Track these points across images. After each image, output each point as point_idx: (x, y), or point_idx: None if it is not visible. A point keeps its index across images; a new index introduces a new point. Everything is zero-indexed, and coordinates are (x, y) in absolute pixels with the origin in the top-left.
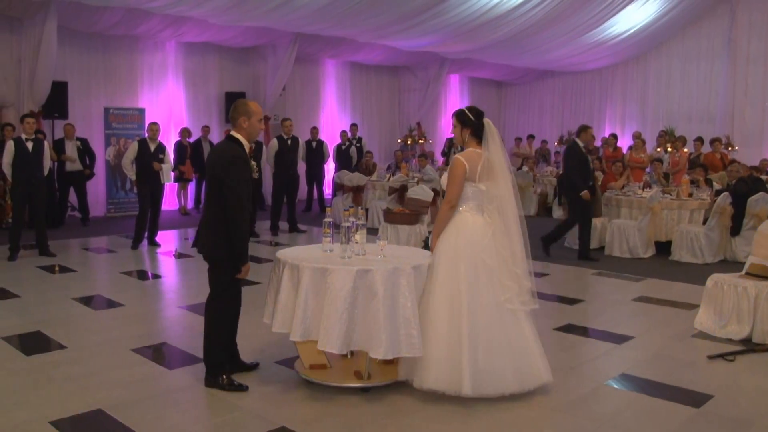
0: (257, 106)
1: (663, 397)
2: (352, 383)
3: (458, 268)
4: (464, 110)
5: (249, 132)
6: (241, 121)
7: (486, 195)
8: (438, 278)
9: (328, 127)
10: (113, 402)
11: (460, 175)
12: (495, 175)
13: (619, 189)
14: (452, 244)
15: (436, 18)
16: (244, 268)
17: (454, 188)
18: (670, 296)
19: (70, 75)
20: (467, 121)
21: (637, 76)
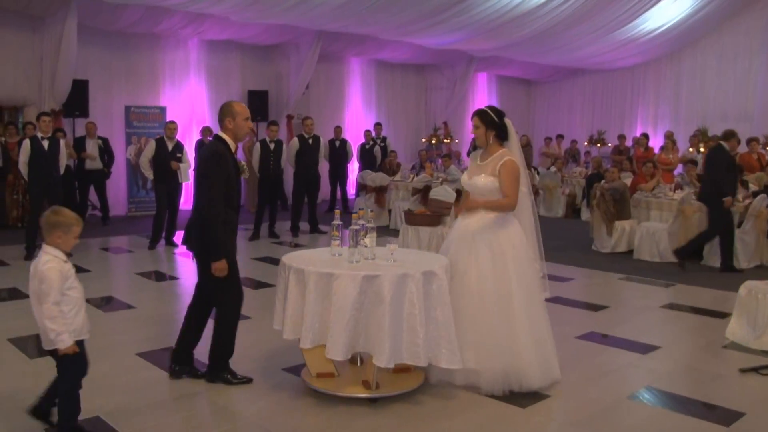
0: (241, 106)
1: (689, 413)
2: (359, 393)
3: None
4: (487, 111)
5: (235, 132)
6: (227, 122)
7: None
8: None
9: (352, 126)
10: (112, 409)
11: (519, 176)
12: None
13: (650, 191)
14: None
15: (461, 15)
16: (215, 265)
17: (516, 189)
18: (701, 303)
19: (91, 73)
20: (492, 122)
21: (670, 75)
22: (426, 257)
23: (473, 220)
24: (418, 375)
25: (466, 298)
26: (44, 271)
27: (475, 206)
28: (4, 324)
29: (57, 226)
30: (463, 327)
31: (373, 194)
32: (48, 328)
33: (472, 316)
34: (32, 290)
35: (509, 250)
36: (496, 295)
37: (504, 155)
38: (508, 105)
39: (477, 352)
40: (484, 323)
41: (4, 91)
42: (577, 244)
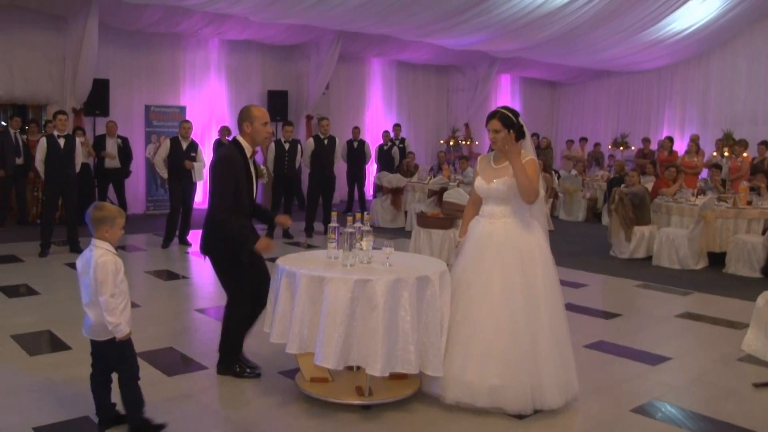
0: (261, 110)
1: (696, 429)
2: (351, 400)
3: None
4: (506, 113)
5: (253, 136)
6: (245, 126)
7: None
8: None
9: (373, 127)
10: None
11: (540, 174)
12: None
13: (671, 195)
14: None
15: (482, 15)
16: (259, 247)
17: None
18: (719, 313)
19: (112, 72)
20: (511, 124)
21: (698, 77)
22: (422, 262)
23: (497, 227)
24: (413, 382)
25: (489, 308)
26: (101, 264)
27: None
28: (10, 320)
29: (103, 220)
30: (487, 339)
31: (390, 196)
32: (107, 321)
33: (498, 328)
34: (85, 285)
35: (538, 255)
36: (524, 304)
37: (524, 155)
38: (531, 107)
39: (503, 366)
40: (510, 334)
41: (28, 90)
42: (595, 249)
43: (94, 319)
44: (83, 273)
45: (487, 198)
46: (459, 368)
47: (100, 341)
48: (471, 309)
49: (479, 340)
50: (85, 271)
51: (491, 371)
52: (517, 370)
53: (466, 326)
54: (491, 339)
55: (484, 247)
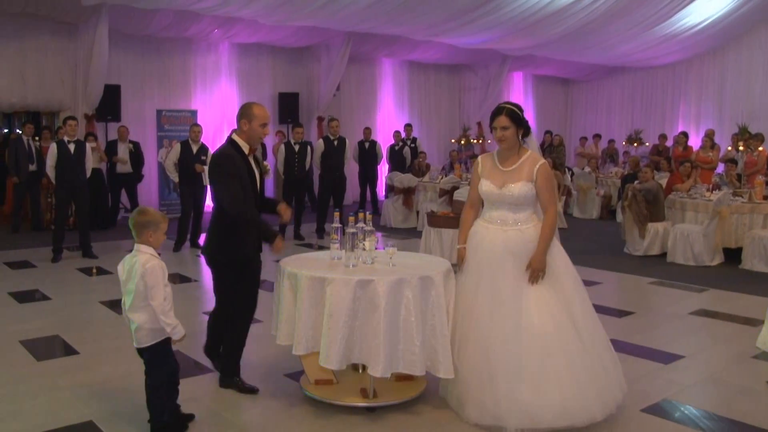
0: (261, 109)
1: (708, 429)
2: (356, 402)
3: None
4: (514, 109)
5: (249, 136)
6: (242, 124)
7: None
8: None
9: (384, 128)
10: (107, 413)
11: (555, 181)
12: None
13: (686, 191)
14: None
15: (492, 14)
16: (275, 245)
17: (556, 194)
18: (734, 310)
19: (123, 78)
20: (520, 121)
21: (713, 71)
22: (426, 261)
23: (511, 235)
24: (419, 383)
25: (529, 328)
26: (150, 270)
27: (541, 266)
28: (20, 325)
29: (146, 225)
30: (536, 361)
31: (401, 196)
32: (164, 323)
33: (530, 347)
34: (128, 291)
35: (563, 265)
36: (557, 322)
37: (536, 158)
38: (544, 105)
39: (536, 385)
40: (542, 353)
41: (41, 97)
42: (609, 247)
43: (138, 323)
44: (127, 279)
45: (498, 203)
46: (509, 394)
47: (142, 348)
48: (504, 330)
49: (529, 363)
50: (130, 276)
51: (522, 389)
52: (550, 390)
53: (507, 350)
54: (542, 360)
55: (501, 258)
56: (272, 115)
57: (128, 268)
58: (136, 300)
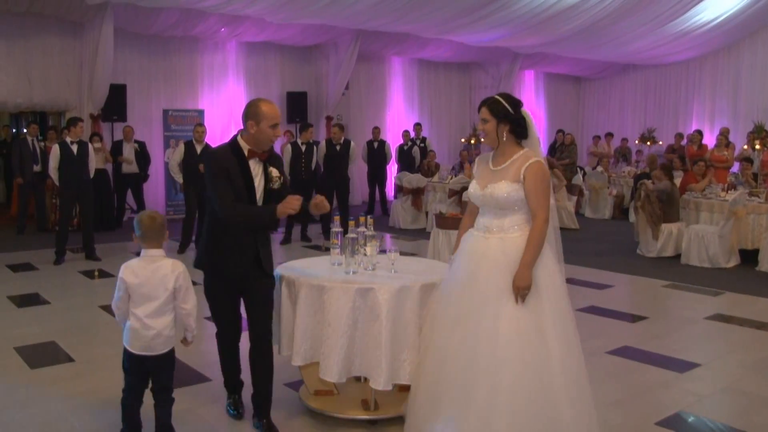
0: (271, 107)
1: None
2: (357, 414)
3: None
4: (498, 99)
5: (256, 138)
6: (249, 125)
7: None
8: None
9: (394, 127)
10: (98, 425)
11: (550, 184)
12: None
13: (700, 191)
14: (559, 273)
15: (502, 11)
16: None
17: (547, 200)
18: (752, 314)
19: (130, 77)
20: (505, 114)
21: (727, 68)
22: (429, 267)
23: (492, 244)
24: None
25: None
26: (184, 273)
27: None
28: (16, 331)
29: (163, 229)
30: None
31: (410, 196)
32: (191, 327)
33: (485, 375)
34: (159, 297)
35: (543, 281)
36: (534, 348)
37: (528, 156)
38: (556, 103)
39: (484, 418)
40: (496, 384)
41: (47, 97)
42: (621, 248)
43: (158, 329)
44: (145, 283)
45: (483, 207)
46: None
47: (154, 355)
48: (459, 353)
49: (479, 393)
50: (148, 281)
51: (499, 425)
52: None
53: (457, 374)
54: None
55: (476, 270)
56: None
57: (148, 274)
58: (162, 306)
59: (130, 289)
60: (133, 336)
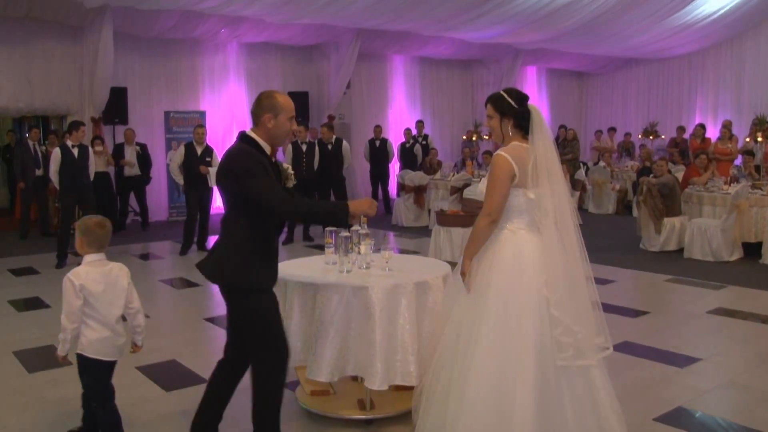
0: (287, 99)
1: None
2: (352, 414)
3: (519, 318)
4: (502, 94)
5: (273, 133)
6: (266, 119)
7: (539, 205)
8: (488, 325)
9: (396, 125)
10: None
11: (506, 177)
12: (549, 179)
13: (703, 184)
14: (511, 279)
15: (502, 7)
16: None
17: (497, 195)
18: (755, 308)
19: (131, 80)
20: (508, 109)
21: (731, 61)
22: (424, 265)
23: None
24: None
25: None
26: (127, 272)
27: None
28: (15, 335)
29: (110, 234)
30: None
31: (413, 194)
32: (142, 325)
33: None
34: (112, 302)
35: (486, 277)
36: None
37: (529, 151)
38: (559, 98)
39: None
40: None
41: (48, 101)
42: (624, 243)
43: (124, 334)
44: (108, 290)
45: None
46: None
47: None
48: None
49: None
50: (109, 287)
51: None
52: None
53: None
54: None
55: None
56: None
57: (107, 279)
58: (122, 309)
59: (93, 297)
60: (107, 344)
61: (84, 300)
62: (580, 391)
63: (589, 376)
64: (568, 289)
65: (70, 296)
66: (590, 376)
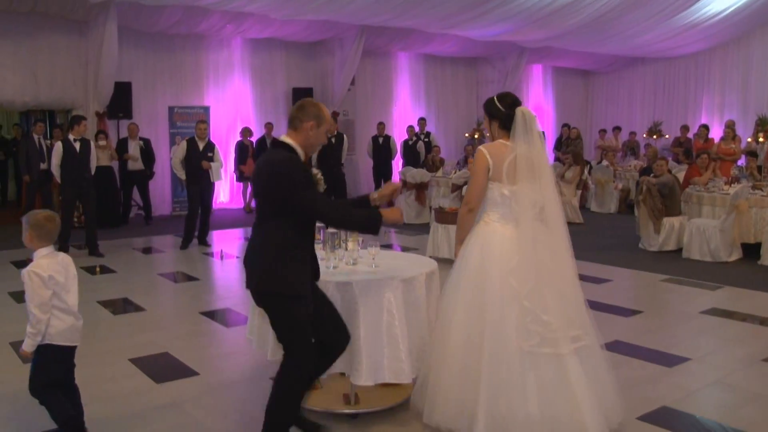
0: (328, 113)
1: None
2: (337, 408)
3: (482, 299)
4: (493, 99)
5: (311, 142)
6: (308, 126)
7: (516, 201)
8: (459, 304)
9: (401, 122)
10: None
11: (481, 170)
12: (532, 177)
13: (703, 185)
14: (476, 265)
15: (506, 5)
16: (392, 218)
17: (473, 185)
18: (750, 309)
19: (135, 75)
20: (495, 112)
21: (737, 60)
22: (411, 262)
23: None
24: (404, 389)
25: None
26: (72, 261)
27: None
28: (12, 326)
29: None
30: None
31: (414, 191)
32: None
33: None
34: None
35: (461, 267)
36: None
37: (510, 150)
38: (565, 97)
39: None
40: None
41: (53, 95)
42: (624, 242)
43: (81, 317)
44: (68, 278)
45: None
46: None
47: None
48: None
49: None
50: (69, 273)
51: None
52: None
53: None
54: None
55: None
56: (285, 111)
57: (67, 268)
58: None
59: (59, 287)
60: (72, 330)
61: (52, 291)
62: (549, 379)
63: (562, 366)
64: (541, 281)
65: (39, 288)
66: (563, 367)
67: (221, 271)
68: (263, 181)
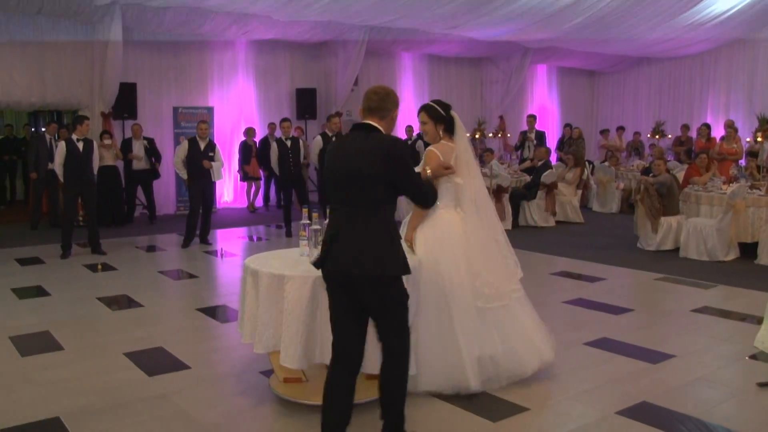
0: None
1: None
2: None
3: (438, 266)
4: (433, 105)
5: (391, 129)
6: (395, 115)
7: (463, 190)
8: (421, 278)
9: (404, 122)
10: (74, 410)
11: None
12: (469, 169)
13: (703, 184)
14: (429, 243)
15: (510, 5)
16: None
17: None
18: (741, 307)
19: (141, 76)
20: (440, 117)
21: (743, 60)
22: None
23: None
24: None
25: None
26: None
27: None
28: (13, 321)
29: None
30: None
31: None
32: None
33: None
34: None
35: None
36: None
37: (453, 148)
38: (570, 97)
39: None
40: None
41: (60, 96)
42: (623, 242)
43: None
44: None
45: None
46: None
47: None
48: None
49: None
50: None
51: None
52: None
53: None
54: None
55: None
56: (289, 111)
57: None
58: None
59: None
60: None
61: None
62: (502, 321)
63: (511, 311)
64: (483, 250)
65: None
66: (512, 311)
67: (221, 269)
68: (379, 162)
